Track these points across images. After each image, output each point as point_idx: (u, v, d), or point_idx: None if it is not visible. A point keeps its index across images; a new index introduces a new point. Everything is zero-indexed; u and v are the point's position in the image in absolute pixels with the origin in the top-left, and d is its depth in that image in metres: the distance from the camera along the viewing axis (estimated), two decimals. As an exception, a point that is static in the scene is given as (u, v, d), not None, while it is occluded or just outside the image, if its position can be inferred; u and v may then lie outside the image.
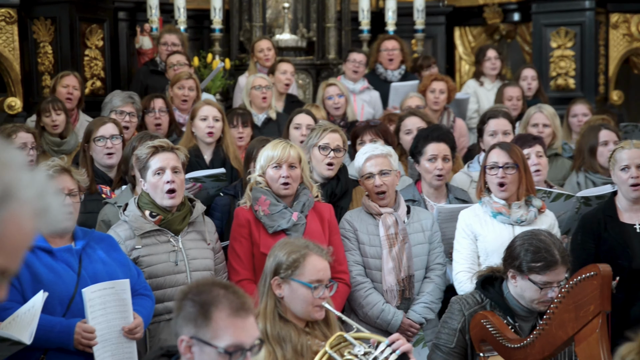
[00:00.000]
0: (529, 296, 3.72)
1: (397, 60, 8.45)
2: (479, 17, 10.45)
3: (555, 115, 6.42)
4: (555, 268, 3.65)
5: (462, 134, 7.26)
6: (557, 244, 3.71)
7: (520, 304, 3.77)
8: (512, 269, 3.75)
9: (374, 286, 4.80)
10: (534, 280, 3.67)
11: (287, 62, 7.98)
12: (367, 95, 8.07)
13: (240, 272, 4.60)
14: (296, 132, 6.05)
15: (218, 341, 2.53)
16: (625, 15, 9.74)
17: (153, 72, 8.05)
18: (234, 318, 2.55)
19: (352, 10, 9.98)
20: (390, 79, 8.36)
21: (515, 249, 3.76)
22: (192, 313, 2.56)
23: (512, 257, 3.76)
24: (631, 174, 4.67)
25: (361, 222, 4.85)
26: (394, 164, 4.91)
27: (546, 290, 3.67)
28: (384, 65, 8.46)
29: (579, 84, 9.50)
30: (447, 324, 3.89)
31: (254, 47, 8.45)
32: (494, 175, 4.65)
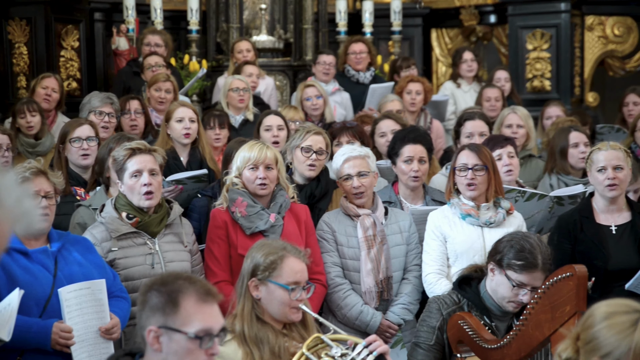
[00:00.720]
0: (501, 292, 3.74)
1: (364, 62, 8.46)
2: (456, 19, 10.50)
3: (529, 116, 6.46)
4: (533, 271, 3.67)
5: (439, 135, 7.28)
6: (544, 251, 3.73)
7: (495, 302, 3.79)
8: (492, 262, 3.78)
9: (353, 287, 4.81)
10: (509, 276, 3.70)
11: (252, 64, 7.98)
12: (339, 97, 8.08)
13: (217, 274, 4.59)
14: (267, 133, 6.05)
15: (188, 327, 2.55)
16: (600, 17, 9.82)
17: (136, 73, 8.01)
18: (202, 304, 2.58)
19: (329, 11, 9.99)
20: (362, 80, 8.38)
21: (502, 244, 3.80)
22: (160, 302, 2.58)
23: (496, 251, 3.79)
24: (608, 175, 4.70)
25: (339, 223, 4.85)
26: (372, 165, 4.92)
27: (518, 290, 3.69)
28: (353, 68, 8.47)
29: (554, 86, 9.56)
30: (426, 322, 3.91)
31: (233, 48, 8.44)
32: (464, 177, 4.67)
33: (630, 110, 7.59)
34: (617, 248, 4.68)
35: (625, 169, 4.73)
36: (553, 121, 6.95)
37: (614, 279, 4.59)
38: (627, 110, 7.63)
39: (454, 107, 8.30)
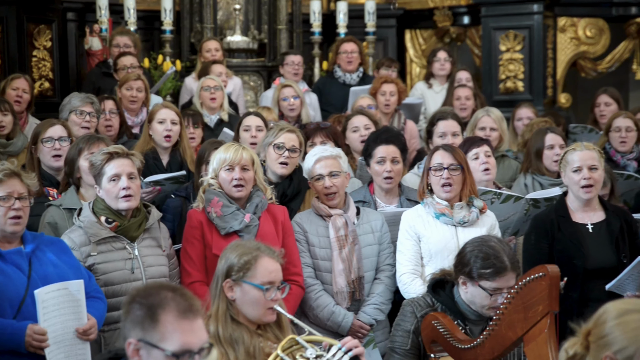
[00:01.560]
0: (479, 302, 3.75)
1: (355, 62, 8.48)
2: (429, 20, 10.53)
3: (503, 119, 6.50)
4: (504, 274, 3.68)
5: (412, 135, 7.31)
6: (507, 250, 3.75)
7: (471, 309, 3.80)
8: (462, 276, 3.78)
9: (324, 288, 4.81)
10: (483, 286, 3.70)
11: (220, 64, 7.97)
12: (307, 98, 8.07)
13: (193, 274, 4.58)
14: (246, 134, 6.05)
15: (166, 344, 2.52)
16: (572, 19, 9.89)
17: (105, 74, 7.98)
18: (182, 320, 2.54)
19: (303, 12, 9.99)
20: (348, 82, 8.39)
21: (466, 256, 3.79)
22: (140, 316, 2.54)
23: (463, 264, 3.78)
24: (583, 176, 4.73)
25: (311, 224, 4.86)
26: (343, 165, 4.92)
27: (496, 296, 3.70)
28: (342, 68, 8.48)
29: (527, 87, 9.61)
30: (400, 327, 3.91)
31: (201, 48, 8.42)
32: (439, 177, 4.69)
33: (601, 111, 7.66)
34: (594, 246, 4.71)
35: (600, 169, 4.77)
36: (526, 122, 7.00)
37: (592, 278, 4.62)
38: (598, 111, 7.69)
39: (424, 108, 8.32)
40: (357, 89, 7.84)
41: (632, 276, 4.47)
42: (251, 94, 9.40)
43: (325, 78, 8.85)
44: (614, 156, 6.46)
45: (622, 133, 6.46)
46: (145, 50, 9.40)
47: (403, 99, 7.66)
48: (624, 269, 4.52)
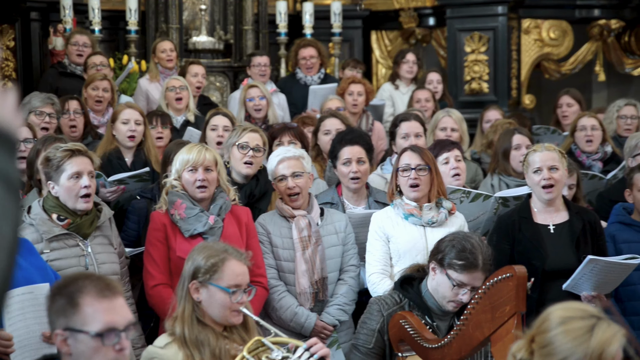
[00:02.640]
0: (442, 291, 3.78)
1: (315, 67, 8.47)
2: (395, 22, 10.56)
3: (463, 119, 6.53)
4: (473, 271, 3.70)
5: (380, 137, 7.32)
6: (485, 251, 3.77)
7: (436, 302, 3.82)
8: (434, 261, 3.81)
9: (288, 289, 4.80)
10: (450, 276, 3.73)
11: (198, 64, 7.94)
12: (276, 98, 8.06)
13: (156, 277, 4.55)
14: (213, 133, 6.03)
15: (89, 326, 2.55)
16: (536, 20, 9.97)
17: (62, 74, 7.90)
18: (101, 300, 2.57)
19: (269, 13, 9.97)
20: (309, 83, 8.38)
21: (444, 243, 3.83)
22: (61, 305, 2.58)
23: (438, 250, 3.82)
24: (543, 176, 4.76)
25: (274, 225, 4.85)
26: (306, 166, 4.92)
27: (459, 290, 3.72)
28: (302, 71, 8.47)
29: (492, 88, 9.68)
30: (366, 325, 3.92)
31: (155, 48, 8.35)
32: (407, 177, 4.71)
33: (564, 112, 7.72)
34: (554, 248, 4.74)
35: (561, 169, 4.80)
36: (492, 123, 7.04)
37: (551, 279, 4.66)
38: (560, 112, 7.76)
39: (392, 109, 8.35)
40: (316, 88, 7.85)
41: (586, 275, 4.51)
42: (217, 94, 9.36)
43: (287, 78, 8.84)
44: (579, 157, 6.51)
45: (587, 132, 6.51)
46: (110, 51, 9.33)
47: (371, 99, 7.68)
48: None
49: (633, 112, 7.19)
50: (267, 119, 7.20)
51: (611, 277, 4.60)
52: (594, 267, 4.47)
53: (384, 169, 5.99)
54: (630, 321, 4.92)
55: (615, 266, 4.55)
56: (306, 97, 7.94)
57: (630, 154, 5.91)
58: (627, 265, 4.56)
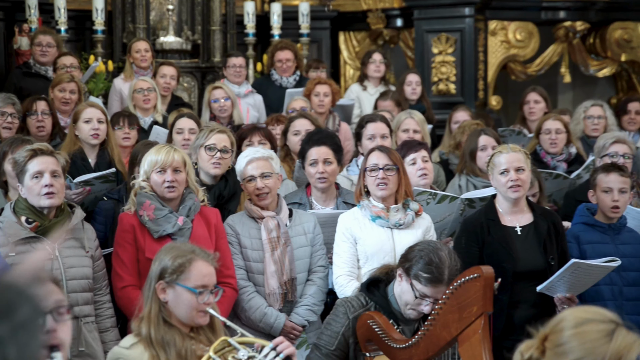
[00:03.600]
0: (405, 299, 3.79)
1: (291, 69, 8.46)
2: (363, 23, 10.59)
3: (425, 121, 6.57)
4: (437, 286, 3.71)
5: (347, 137, 7.33)
6: (452, 265, 3.75)
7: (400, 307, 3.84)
8: (401, 269, 3.82)
9: (257, 290, 4.80)
10: (414, 286, 3.74)
11: (169, 65, 7.90)
12: (252, 99, 8.06)
13: (125, 278, 4.54)
14: (179, 136, 6.01)
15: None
16: (503, 22, 10.04)
17: (27, 74, 7.83)
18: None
19: (237, 13, 9.95)
20: (285, 85, 8.38)
21: (413, 252, 3.82)
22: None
23: (407, 259, 3.81)
24: (510, 177, 4.77)
25: (243, 226, 4.84)
26: (275, 167, 4.92)
27: (421, 300, 3.74)
28: (278, 73, 8.47)
29: (459, 89, 9.73)
30: (330, 326, 3.91)
31: (130, 48, 8.32)
32: (374, 177, 4.72)
33: (531, 108, 7.74)
34: (523, 249, 4.76)
35: (527, 170, 4.83)
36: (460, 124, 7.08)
37: (521, 280, 4.69)
38: (527, 108, 7.77)
39: (360, 110, 8.37)
40: (292, 91, 7.84)
41: (564, 278, 4.55)
42: (185, 95, 9.32)
43: (262, 79, 8.83)
44: (544, 158, 6.57)
45: (552, 135, 6.57)
46: (76, 51, 9.25)
47: (337, 99, 7.69)
48: (553, 271, 4.59)
49: (600, 112, 7.27)
50: (232, 119, 7.19)
51: (588, 279, 4.63)
52: (575, 270, 4.49)
53: (350, 170, 6.00)
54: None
55: (595, 269, 4.58)
56: (281, 99, 7.92)
57: (599, 154, 5.97)
58: (607, 267, 4.60)
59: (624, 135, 6.32)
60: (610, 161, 5.65)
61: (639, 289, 5.03)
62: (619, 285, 4.99)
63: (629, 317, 4.98)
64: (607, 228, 5.09)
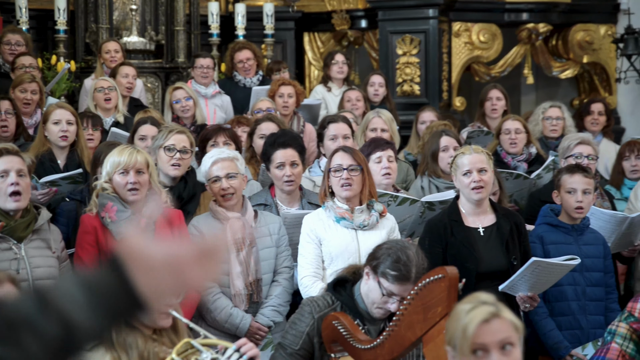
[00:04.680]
0: (372, 297, 3.79)
1: (252, 69, 8.43)
2: (328, 23, 10.59)
3: (393, 120, 6.58)
4: (404, 284, 3.72)
5: (312, 138, 7.31)
6: (420, 264, 3.77)
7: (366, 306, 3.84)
8: (369, 267, 3.82)
9: (222, 291, 4.79)
10: (382, 284, 3.74)
11: (129, 65, 7.85)
12: (219, 100, 8.03)
13: (87, 281, 4.48)
14: (141, 143, 5.95)
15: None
16: (466, 24, 10.09)
17: (-6, 74, 7.75)
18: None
19: (201, 14, 9.91)
20: (249, 85, 8.35)
21: (381, 250, 3.82)
22: None
23: (374, 257, 3.82)
24: (473, 179, 4.80)
25: (208, 227, 4.82)
26: (240, 167, 4.91)
27: (388, 298, 3.74)
28: (240, 74, 8.44)
29: (423, 91, 9.77)
30: (296, 325, 3.90)
31: (101, 48, 8.27)
32: (339, 177, 4.72)
33: (493, 105, 7.76)
34: (486, 250, 4.79)
35: (489, 171, 4.86)
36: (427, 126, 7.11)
37: (484, 280, 4.71)
38: (490, 105, 7.78)
39: (325, 111, 8.36)
40: (259, 89, 7.82)
41: (526, 277, 4.58)
42: (148, 95, 9.25)
43: (225, 80, 8.78)
44: (505, 158, 6.61)
45: (511, 135, 6.62)
46: (38, 50, 9.15)
47: (301, 100, 7.68)
48: (515, 271, 4.62)
49: (558, 113, 7.34)
50: (195, 119, 7.16)
51: (549, 278, 4.67)
52: (535, 268, 4.53)
53: (312, 172, 6.00)
54: (558, 321, 5.01)
55: (556, 267, 4.62)
56: (247, 99, 7.90)
57: (563, 155, 6.02)
58: (567, 266, 4.64)
59: (589, 137, 6.38)
60: (575, 162, 5.70)
61: (602, 289, 5.08)
62: (582, 286, 5.03)
63: (592, 317, 5.04)
64: (571, 229, 5.13)
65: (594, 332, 4.95)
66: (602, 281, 5.08)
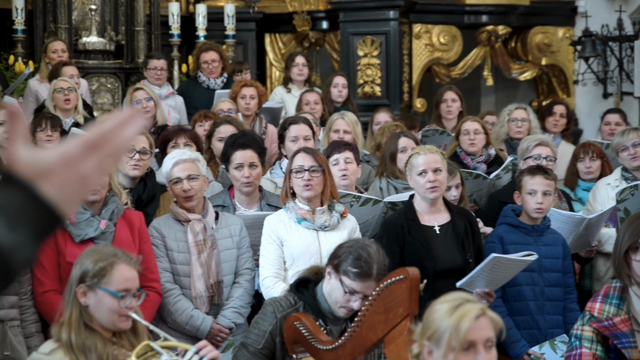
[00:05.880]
0: (334, 296, 3.80)
1: (217, 70, 8.41)
2: (289, 24, 10.60)
3: (357, 122, 6.60)
4: (366, 280, 3.73)
5: (273, 140, 7.31)
6: (381, 261, 3.78)
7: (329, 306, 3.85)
8: (331, 266, 3.83)
9: (183, 292, 4.78)
10: (343, 282, 3.75)
11: (71, 65, 7.80)
12: (172, 101, 8.00)
13: (46, 283, 4.45)
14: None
15: None
16: (427, 26, 10.15)
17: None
18: None
19: (162, 14, 9.86)
20: (213, 86, 8.32)
21: (342, 249, 3.83)
22: None
23: (336, 256, 3.83)
24: (428, 179, 4.84)
25: (169, 228, 4.81)
26: (202, 169, 4.90)
27: (350, 296, 3.76)
28: (205, 75, 8.41)
29: (384, 92, 9.80)
30: (259, 325, 3.90)
31: (47, 48, 8.19)
32: (300, 178, 4.73)
33: (449, 106, 7.81)
34: (442, 248, 4.84)
35: (444, 171, 4.90)
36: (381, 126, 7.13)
37: (441, 278, 4.75)
38: (445, 107, 7.83)
39: (285, 112, 8.37)
40: (222, 92, 7.81)
41: (483, 273, 4.63)
42: (108, 96, 9.20)
43: (189, 81, 8.75)
44: (464, 159, 6.65)
45: (470, 136, 6.67)
46: (-5, 51, 9.08)
47: (264, 102, 7.67)
48: (471, 268, 4.67)
49: (523, 115, 7.41)
50: (155, 120, 7.12)
51: (506, 274, 4.73)
52: (494, 264, 4.58)
53: (273, 173, 6.00)
54: (516, 321, 5.06)
55: (514, 263, 4.67)
56: (210, 101, 7.87)
57: (522, 156, 6.07)
58: (525, 261, 4.69)
59: (547, 138, 6.44)
60: (534, 164, 5.75)
61: (560, 289, 5.13)
62: (540, 286, 5.09)
63: (550, 317, 5.10)
64: (531, 229, 5.18)
65: (552, 332, 5.01)
66: (561, 281, 5.14)
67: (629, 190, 5.43)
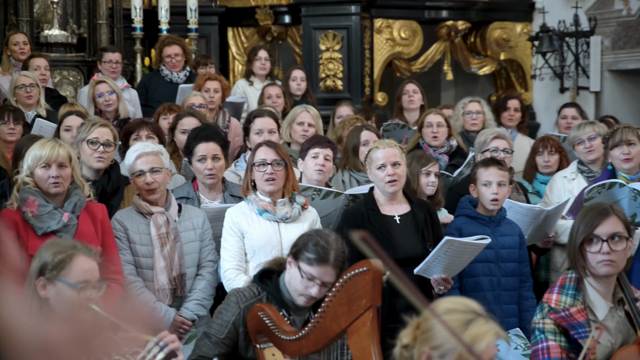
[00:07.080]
0: (294, 285, 3.85)
1: (180, 64, 8.41)
2: (252, 19, 10.59)
3: (319, 116, 6.65)
4: (323, 265, 3.78)
5: (237, 133, 7.35)
6: (339, 249, 3.83)
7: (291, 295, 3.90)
8: (291, 255, 3.88)
9: (146, 285, 4.80)
10: (301, 268, 3.80)
11: (41, 56, 7.76)
12: (127, 94, 7.97)
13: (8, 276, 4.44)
14: (67, 134, 5.91)
15: None
16: (388, 20, 10.21)
17: None
18: None
19: (124, 7, 9.83)
20: (175, 80, 8.32)
21: (302, 238, 3.88)
22: None
23: (296, 245, 3.88)
24: (388, 172, 4.91)
25: (132, 221, 4.83)
26: (164, 161, 4.93)
27: (308, 283, 3.81)
28: (167, 68, 8.40)
29: (346, 86, 9.85)
30: (222, 315, 3.93)
31: (8, 41, 8.14)
32: (262, 172, 4.77)
33: (410, 97, 7.86)
34: (402, 237, 4.90)
35: (402, 164, 4.98)
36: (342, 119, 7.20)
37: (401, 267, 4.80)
38: (407, 98, 7.88)
39: (247, 105, 8.39)
40: (185, 87, 7.82)
41: (439, 258, 4.69)
42: (70, 89, 9.15)
43: (151, 74, 8.74)
44: (427, 151, 6.74)
45: (433, 128, 6.75)
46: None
47: (227, 95, 7.70)
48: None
49: (477, 108, 7.52)
50: (118, 113, 7.11)
51: (462, 258, 4.79)
52: (448, 248, 4.64)
53: (238, 166, 6.03)
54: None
55: (468, 246, 4.74)
56: (172, 94, 7.88)
57: (480, 149, 6.17)
58: (478, 245, 4.77)
59: (504, 132, 6.55)
60: (491, 156, 5.86)
61: (516, 279, 5.23)
62: (497, 276, 5.18)
63: (506, 306, 5.19)
64: (488, 220, 5.27)
65: (507, 321, 5.09)
66: (517, 271, 5.24)
67: (596, 189, 5.54)
